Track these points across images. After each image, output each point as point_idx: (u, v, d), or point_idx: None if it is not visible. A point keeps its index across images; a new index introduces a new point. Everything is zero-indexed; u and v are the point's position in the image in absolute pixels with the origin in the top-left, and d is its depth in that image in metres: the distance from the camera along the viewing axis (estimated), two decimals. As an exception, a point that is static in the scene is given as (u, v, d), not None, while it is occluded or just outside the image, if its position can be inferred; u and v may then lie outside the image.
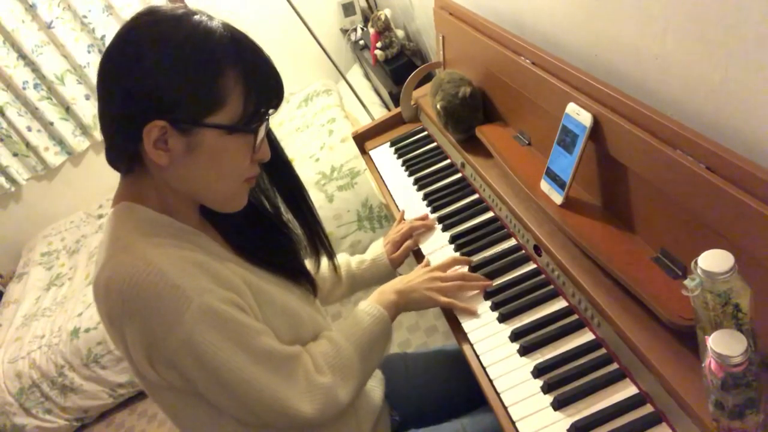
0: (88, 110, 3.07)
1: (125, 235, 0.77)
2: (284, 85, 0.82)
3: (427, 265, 1.11)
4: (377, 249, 1.21)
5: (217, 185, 0.81)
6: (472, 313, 1.00)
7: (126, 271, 0.72)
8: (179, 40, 0.72)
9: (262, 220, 0.97)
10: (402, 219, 1.28)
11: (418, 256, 1.21)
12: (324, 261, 1.08)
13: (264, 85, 0.78)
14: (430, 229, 1.22)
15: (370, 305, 0.99)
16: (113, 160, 0.81)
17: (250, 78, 0.76)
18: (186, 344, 0.73)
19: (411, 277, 1.06)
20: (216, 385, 0.76)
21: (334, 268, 1.12)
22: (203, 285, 0.75)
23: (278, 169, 0.95)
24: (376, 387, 1.08)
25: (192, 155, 0.76)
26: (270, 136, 0.89)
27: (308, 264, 1.15)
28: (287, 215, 1.00)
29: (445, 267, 1.08)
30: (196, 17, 0.74)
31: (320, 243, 1.04)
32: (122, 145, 0.77)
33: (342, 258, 1.19)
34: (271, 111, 0.81)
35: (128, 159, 0.79)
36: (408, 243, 1.21)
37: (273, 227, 0.99)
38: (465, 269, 1.08)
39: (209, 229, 0.90)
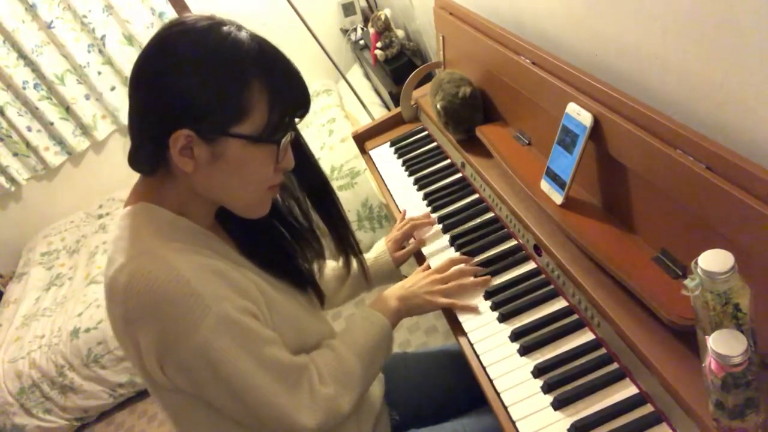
0: (88, 110, 3.07)
1: (145, 237, 0.78)
2: (310, 96, 0.82)
3: (427, 268, 1.11)
4: (380, 247, 1.21)
5: (241, 192, 0.82)
6: (473, 310, 1.01)
7: (147, 275, 0.73)
8: (208, 52, 0.74)
9: (275, 225, 0.98)
10: (403, 218, 1.28)
11: (419, 258, 1.21)
12: (328, 260, 1.08)
13: (289, 97, 0.79)
14: (431, 224, 1.22)
15: (371, 313, 1.00)
16: (137, 163, 0.81)
17: (276, 90, 0.77)
18: (201, 351, 0.74)
19: (410, 283, 1.07)
20: (224, 391, 0.77)
21: (363, 269, 1.12)
22: (222, 293, 0.76)
23: (306, 171, 0.96)
24: (375, 387, 1.08)
25: (216, 163, 0.77)
26: (298, 139, 0.90)
27: (329, 269, 1.15)
28: (314, 221, 1.01)
29: (442, 269, 1.08)
30: (225, 28, 0.75)
31: (349, 245, 1.05)
32: (149, 150, 0.79)
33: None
34: (297, 120, 0.82)
35: (153, 162, 0.80)
36: (413, 243, 1.20)
37: (288, 232, 0.99)
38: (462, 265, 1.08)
39: (221, 232, 0.91)
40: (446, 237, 1.19)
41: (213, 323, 0.74)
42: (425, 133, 1.51)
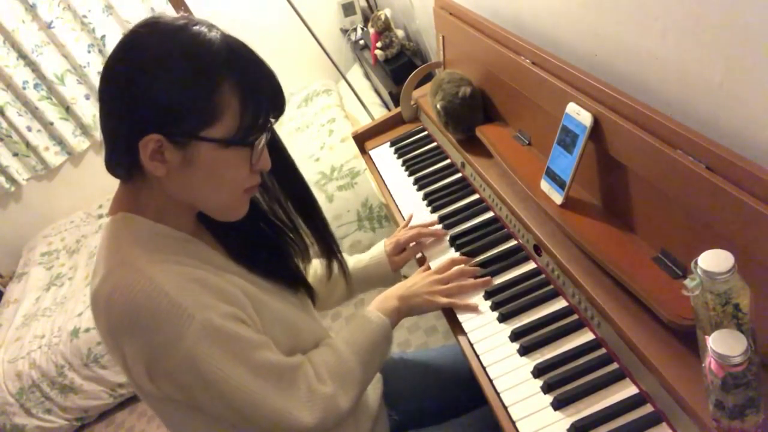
0: (88, 110, 3.07)
1: (126, 249, 0.77)
2: (285, 97, 0.81)
3: (428, 268, 1.11)
4: (377, 248, 1.21)
5: (216, 196, 0.81)
6: (473, 310, 1.01)
7: (128, 288, 0.72)
8: (175, 54, 0.72)
9: (260, 227, 0.97)
10: (409, 221, 1.26)
11: (419, 259, 1.20)
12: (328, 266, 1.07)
13: (262, 99, 0.77)
14: (439, 238, 1.19)
15: (371, 312, 1.00)
16: (113, 168, 0.80)
17: (247, 91, 0.75)
18: (187, 360, 0.73)
19: (411, 282, 1.06)
20: (217, 399, 0.77)
21: (344, 274, 1.11)
22: (204, 301, 0.75)
23: (286, 174, 0.95)
24: (373, 388, 1.08)
25: (189, 168, 0.75)
26: (277, 142, 0.89)
27: (313, 270, 1.14)
28: (297, 221, 1.00)
29: (443, 269, 1.08)
30: (195, 28, 0.73)
31: (329, 249, 1.04)
32: (121, 155, 0.77)
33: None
34: (272, 120, 0.81)
35: (127, 167, 0.79)
36: (414, 249, 1.18)
37: (273, 233, 0.99)
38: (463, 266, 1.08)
39: (206, 236, 0.90)
40: (446, 237, 1.18)
41: (197, 332, 0.73)
42: (425, 133, 1.51)
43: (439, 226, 1.20)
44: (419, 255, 1.19)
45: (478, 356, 0.94)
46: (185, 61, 0.72)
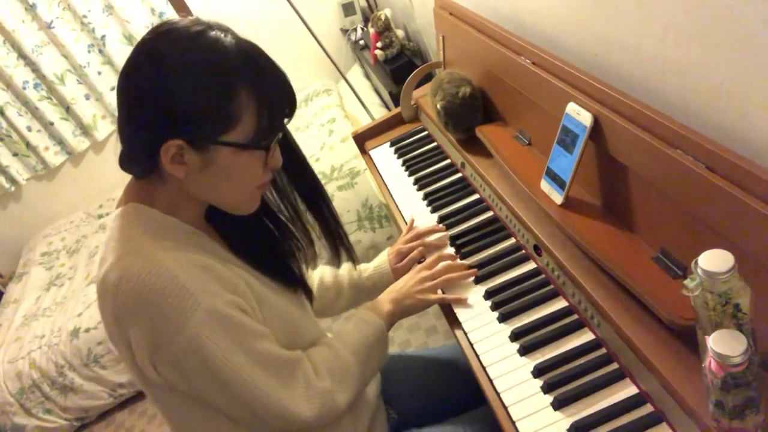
0: (88, 110, 3.07)
1: (135, 236, 0.79)
2: (297, 97, 0.83)
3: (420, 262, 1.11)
4: (380, 258, 1.21)
5: (232, 194, 0.84)
6: (464, 303, 1.02)
7: (136, 272, 0.74)
8: (195, 62, 0.74)
9: (266, 224, 0.98)
10: (410, 228, 1.25)
11: (420, 260, 1.20)
12: (328, 268, 1.07)
13: (277, 103, 0.80)
14: (441, 243, 1.18)
15: (366, 314, 1.01)
16: (128, 168, 0.82)
17: (264, 96, 0.77)
18: (192, 345, 0.74)
19: (401, 284, 1.07)
20: (217, 386, 0.78)
21: (353, 263, 1.12)
22: (210, 288, 0.77)
23: (296, 168, 0.96)
24: (371, 384, 1.08)
25: (208, 169, 0.78)
26: (289, 139, 0.91)
27: (319, 279, 1.15)
28: (305, 217, 1.01)
29: (431, 265, 1.08)
30: (212, 34, 0.75)
31: (340, 242, 1.05)
32: (140, 158, 0.79)
33: (345, 267, 1.19)
34: (285, 121, 0.83)
35: (145, 168, 0.81)
36: (413, 255, 1.18)
37: (278, 231, 1.00)
38: (451, 260, 1.09)
39: (211, 231, 0.91)
40: (446, 236, 1.18)
41: (202, 317, 0.74)
42: (425, 133, 1.51)
43: (434, 218, 1.21)
44: (419, 258, 1.19)
45: (478, 356, 0.94)
46: (205, 69, 0.74)
